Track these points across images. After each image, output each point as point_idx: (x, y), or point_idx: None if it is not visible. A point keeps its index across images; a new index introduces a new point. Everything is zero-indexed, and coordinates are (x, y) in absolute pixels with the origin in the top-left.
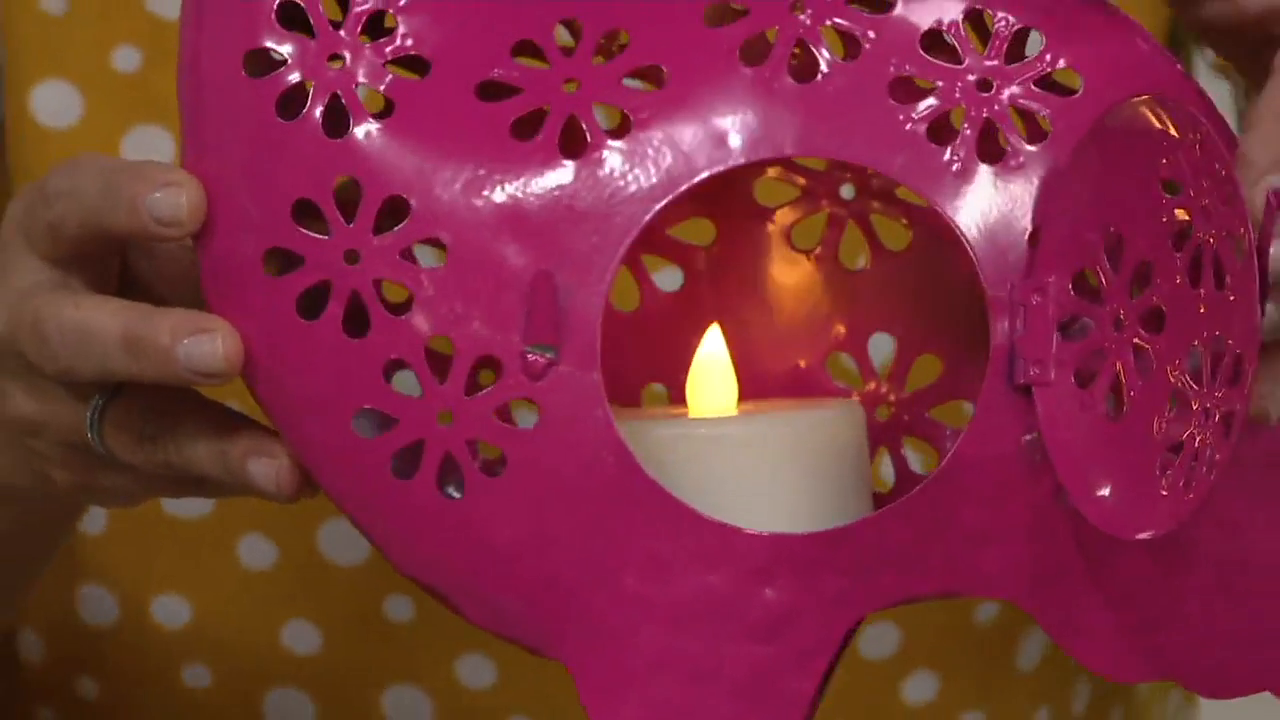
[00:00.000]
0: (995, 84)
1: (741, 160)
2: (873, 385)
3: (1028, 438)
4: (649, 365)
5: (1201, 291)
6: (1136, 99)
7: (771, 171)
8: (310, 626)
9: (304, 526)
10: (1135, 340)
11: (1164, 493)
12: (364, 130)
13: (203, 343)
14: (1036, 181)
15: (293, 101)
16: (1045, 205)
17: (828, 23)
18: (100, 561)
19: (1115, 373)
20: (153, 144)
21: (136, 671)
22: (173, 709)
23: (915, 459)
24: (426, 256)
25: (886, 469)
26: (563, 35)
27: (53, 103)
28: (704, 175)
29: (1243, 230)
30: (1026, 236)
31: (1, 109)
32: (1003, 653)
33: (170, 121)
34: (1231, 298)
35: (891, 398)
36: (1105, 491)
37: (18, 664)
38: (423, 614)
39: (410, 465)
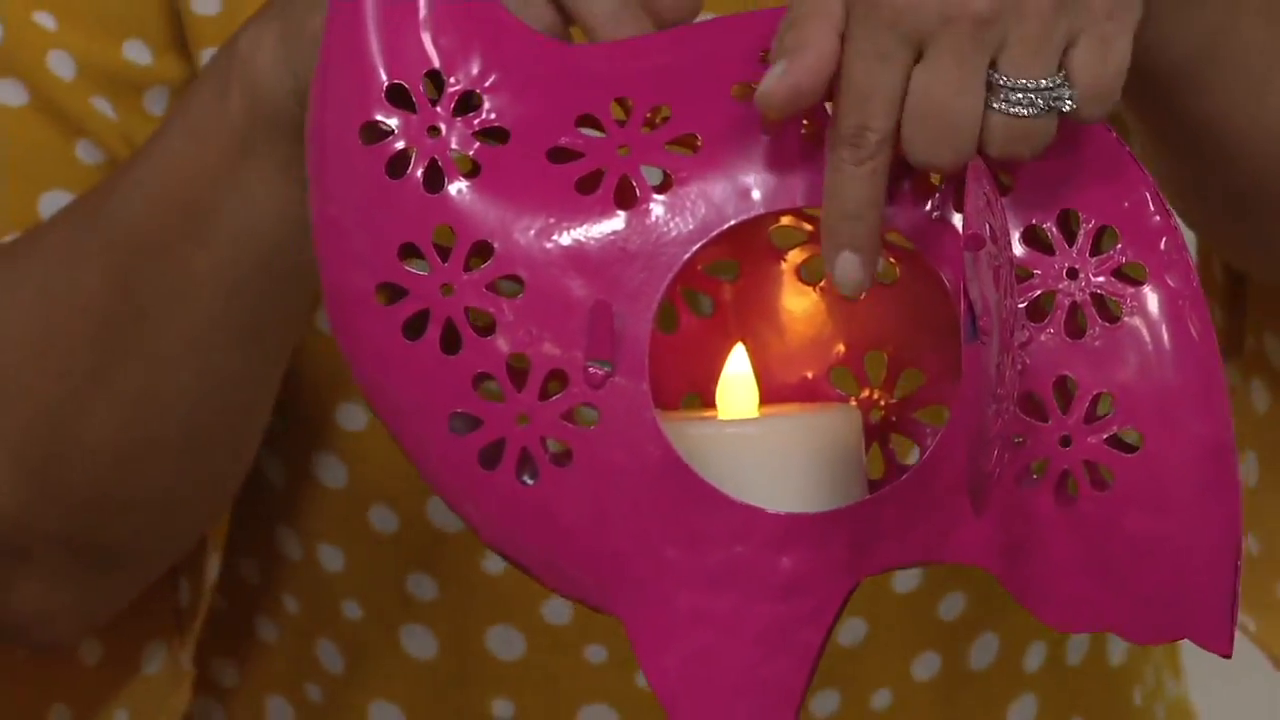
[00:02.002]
0: None
1: (761, 210)
2: (867, 393)
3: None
4: (686, 377)
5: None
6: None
7: (785, 219)
8: (429, 578)
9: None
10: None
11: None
12: (456, 188)
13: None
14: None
15: (399, 164)
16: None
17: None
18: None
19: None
20: None
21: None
22: (336, 635)
23: (901, 452)
24: (507, 289)
25: (878, 460)
26: (617, 110)
27: None
28: (731, 223)
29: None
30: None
31: None
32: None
33: None
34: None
35: (883, 403)
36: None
37: (239, 582)
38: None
39: (494, 458)
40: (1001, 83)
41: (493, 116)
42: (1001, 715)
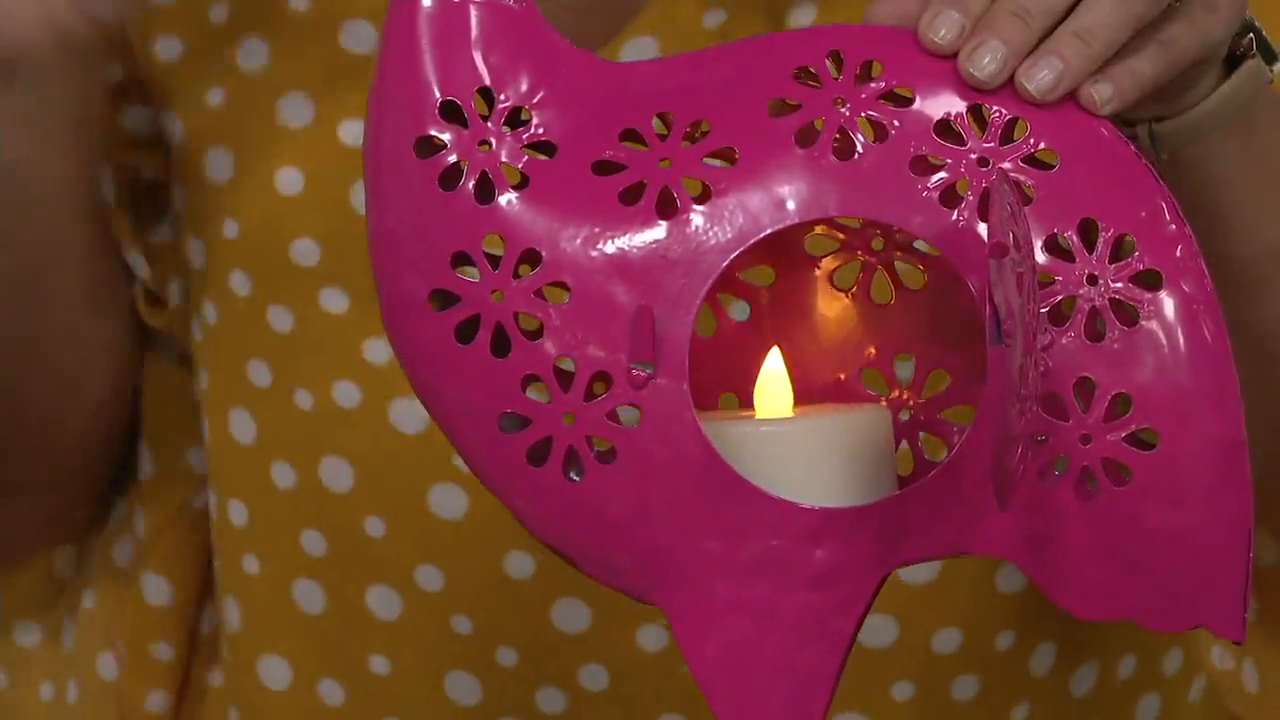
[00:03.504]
0: (991, 161)
1: (796, 220)
2: (897, 393)
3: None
4: (724, 378)
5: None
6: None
7: (818, 228)
8: (319, 534)
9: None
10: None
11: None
12: (506, 199)
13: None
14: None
15: (451, 176)
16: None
17: (863, 114)
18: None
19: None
20: None
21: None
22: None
23: (929, 450)
24: (555, 295)
25: (907, 458)
26: (658, 125)
27: None
28: (767, 232)
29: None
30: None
31: None
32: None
33: None
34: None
35: (912, 403)
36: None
37: (228, 524)
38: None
39: (542, 456)
40: None
41: (540, 131)
42: None
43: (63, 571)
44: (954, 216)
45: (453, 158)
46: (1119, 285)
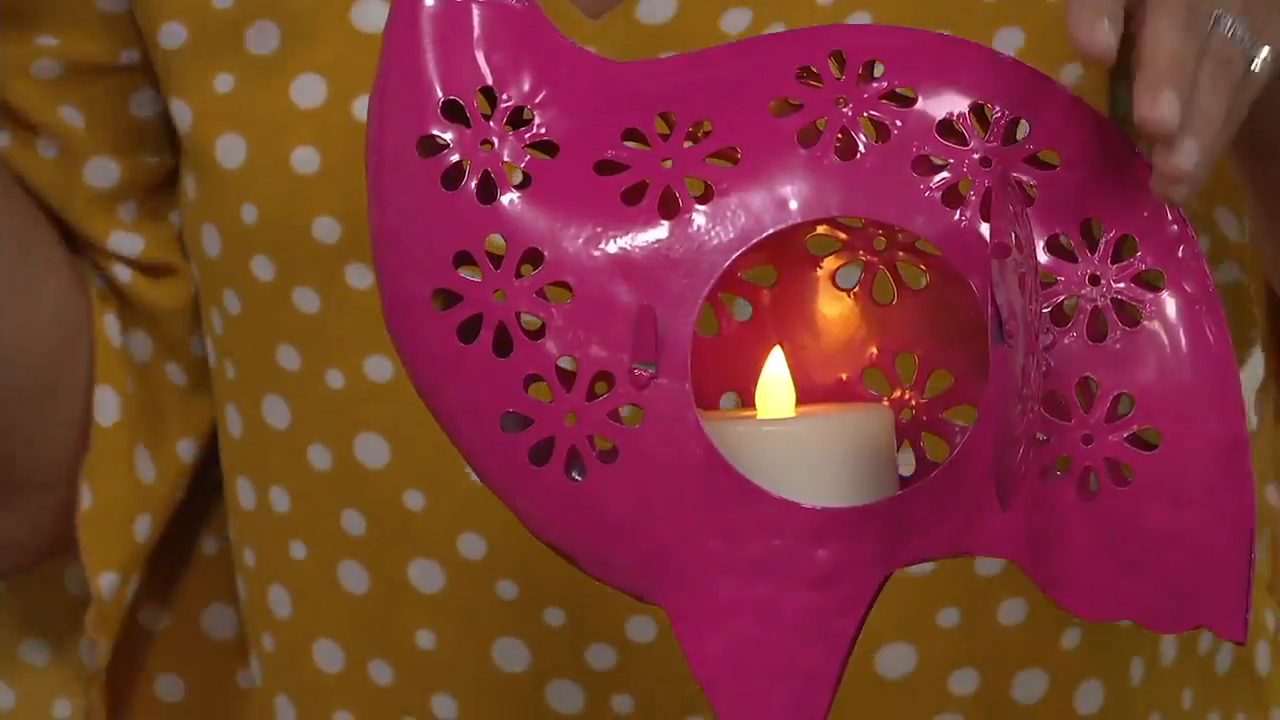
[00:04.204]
0: (994, 161)
1: (798, 219)
2: (898, 393)
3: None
4: (727, 378)
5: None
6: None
7: (820, 228)
8: (358, 514)
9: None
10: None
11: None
12: (508, 198)
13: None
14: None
15: (454, 175)
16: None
17: (865, 114)
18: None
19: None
20: None
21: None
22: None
23: (931, 450)
24: (557, 295)
25: (909, 458)
26: (660, 125)
27: None
28: (769, 231)
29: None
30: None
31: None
32: None
33: None
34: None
35: (913, 403)
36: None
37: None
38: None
39: (544, 455)
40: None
41: (543, 130)
42: None
43: (73, 589)
44: (956, 217)
45: (455, 157)
46: (1121, 285)
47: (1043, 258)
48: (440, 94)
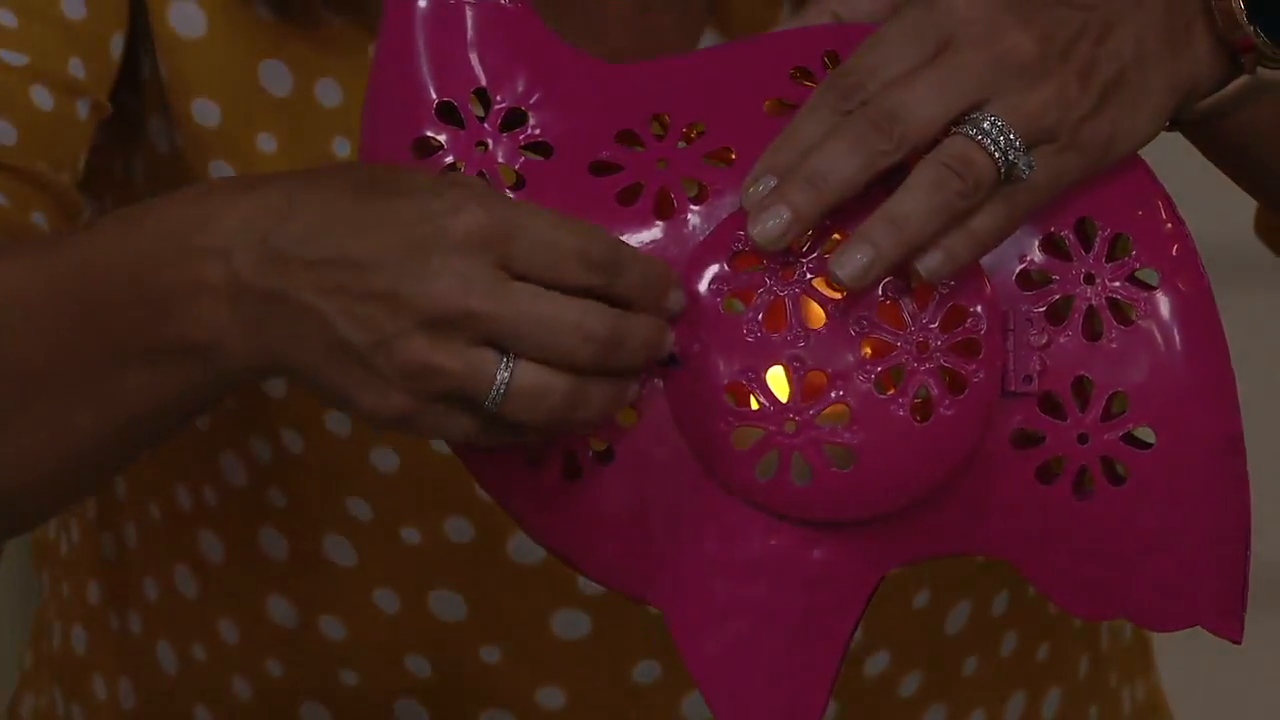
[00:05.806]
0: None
1: None
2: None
3: (1015, 431)
4: None
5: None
6: None
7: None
8: (424, 659)
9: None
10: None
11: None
12: None
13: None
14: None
15: None
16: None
17: None
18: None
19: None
20: None
21: None
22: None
23: None
24: None
25: None
26: (655, 126)
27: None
28: None
29: None
30: (1014, 278)
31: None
32: None
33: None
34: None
35: None
36: None
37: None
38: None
39: (540, 457)
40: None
41: (537, 132)
42: None
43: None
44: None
45: (449, 158)
46: (1116, 284)
47: (1038, 256)
48: (434, 96)
